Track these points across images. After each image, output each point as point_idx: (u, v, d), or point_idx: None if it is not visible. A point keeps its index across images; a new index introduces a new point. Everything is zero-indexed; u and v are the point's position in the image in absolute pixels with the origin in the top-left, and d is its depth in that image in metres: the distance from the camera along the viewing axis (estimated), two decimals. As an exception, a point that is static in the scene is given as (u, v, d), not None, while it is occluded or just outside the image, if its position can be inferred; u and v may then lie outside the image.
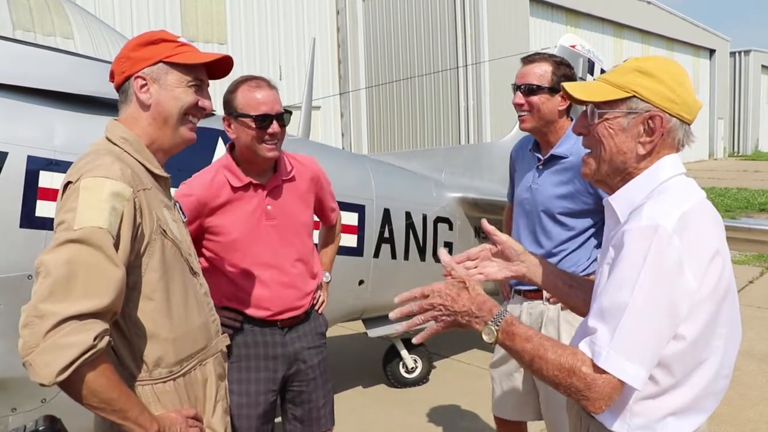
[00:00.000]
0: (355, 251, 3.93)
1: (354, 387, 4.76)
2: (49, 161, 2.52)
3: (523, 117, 2.54)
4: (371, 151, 16.83)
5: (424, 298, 1.46)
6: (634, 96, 1.42)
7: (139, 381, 1.54)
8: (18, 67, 2.53)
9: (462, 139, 15.56)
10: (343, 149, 13.87)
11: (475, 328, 1.45)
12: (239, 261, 2.35)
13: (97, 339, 1.31)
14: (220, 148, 3.18)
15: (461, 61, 15.26)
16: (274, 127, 2.26)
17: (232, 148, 2.40)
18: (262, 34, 14.77)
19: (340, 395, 4.41)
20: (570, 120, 2.57)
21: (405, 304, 1.48)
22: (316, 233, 2.70)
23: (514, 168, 2.85)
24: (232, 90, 2.30)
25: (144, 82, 1.58)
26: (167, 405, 1.57)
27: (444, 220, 4.53)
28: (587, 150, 1.53)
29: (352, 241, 3.91)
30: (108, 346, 1.35)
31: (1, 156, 2.42)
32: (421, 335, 1.49)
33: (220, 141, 3.18)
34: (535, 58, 2.57)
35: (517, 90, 2.55)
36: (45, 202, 2.49)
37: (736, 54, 34.60)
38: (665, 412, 1.39)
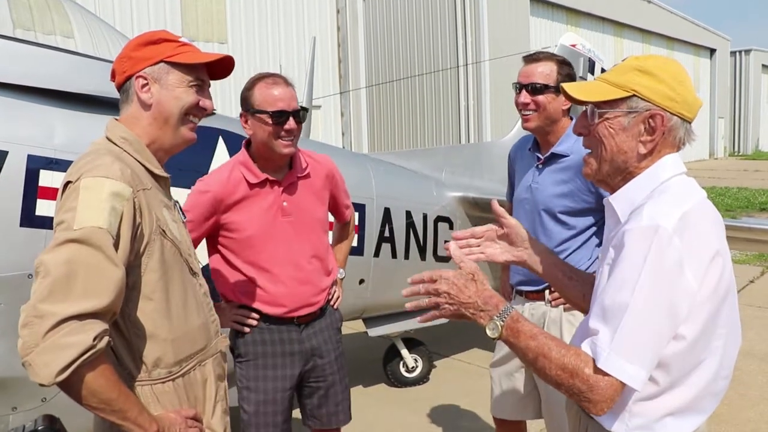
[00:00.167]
0: (356, 250, 3.92)
1: (354, 386, 4.73)
2: (50, 160, 2.52)
3: (528, 116, 2.52)
4: (371, 150, 16.83)
5: (432, 282, 1.46)
6: (635, 95, 1.42)
7: (139, 381, 1.54)
8: (18, 65, 2.53)
9: (462, 138, 15.55)
10: (344, 148, 13.87)
11: (479, 323, 1.44)
12: (255, 257, 2.36)
13: (97, 339, 1.31)
14: (221, 147, 3.17)
15: (461, 60, 15.25)
16: (290, 123, 2.27)
17: (248, 145, 2.41)
18: (262, 34, 14.79)
19: (341, 394, 4.38)
20: (570, 119, 2.56)
21: (415, 287, 1.48)
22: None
23: (514, 168, 2.84)
24: (249, 87, 2.32)
25: (145, 82, 1.58)
26: (167, 405, 1.57)
27: (444, 220, 4.53)
28: (588, 149, 1.52)
29: (353, 240, 3.90)
30: (107, 346, 1.35)
31: (2, 155, 2.41)
32: (424, 316, 1.50)
33: (220, 140, 3.17)
34: (539, 56, 2.55)
35: (523, 89, 2.52)
36: (45, 201, 2.49)
37: (737, 53, 34.58)
38: (664, 413, 1.39)
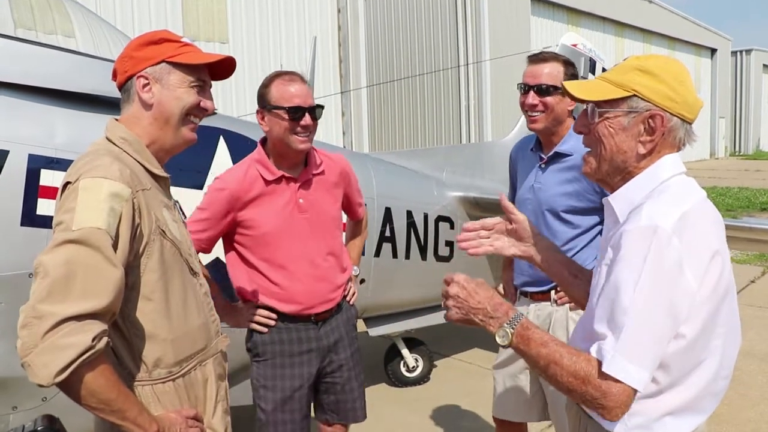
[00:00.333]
0: (356, 250, 3.92)
1: (354, 386, 4.75)
2: (50, 160, 2.52)
3: (536, 117, 2.50)
4: (372, 149, 16.82)
5: (447, 284, 1.49)
6: (635, 95, 1.41)
7: (139, 381, 1.54)
8: (19, 65, 2.53)
9: (463, 137, 15.54)
10: (344, 148, 13.86)
11: (488, 330, 1.44)
12: (271, 254, 2.38)
13: (96, 340, 1.30)
14: (221, 147, 3.17)
15: (462, 59, 15.23)
16: (306, 119, 2.30)
17: (264, 142, 2.43)
18: (263, 33, 14.77)
19: (341, 394, 4.38)
20: (573, 118, 2.56)
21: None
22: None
23: (515, 168, 2.83)
24: (266, 84, 2.35)
25: (146, 82, 1.58)
26: (167, 405, 1.57)
27: (445, 219, 4.53)
28: (588, 148, 1.52)
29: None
30: (107, 346, 1.35)
31: (2, 154, 2.41)
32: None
33: (221, 140, 3.17)
34: (545, 57, 2.53)
35: (530, 90, 2.49)
36: (46, 200, 2.49)
37: (738, 53, 34.53)
38: (663, 412, 1.39)
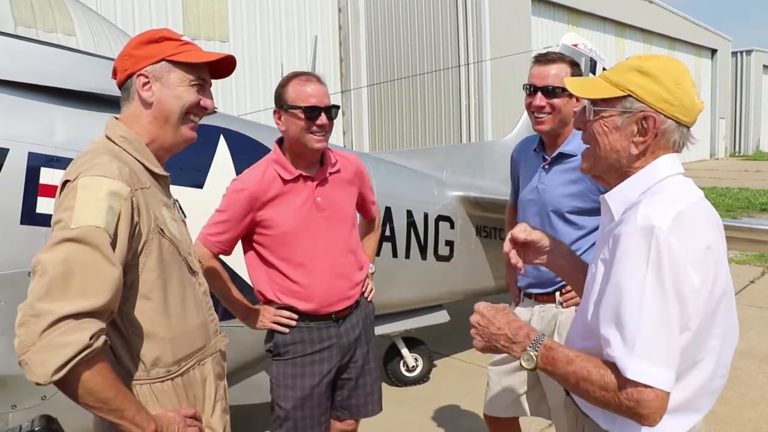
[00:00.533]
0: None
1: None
2: (50, 158, 2.51)
3: (543, 119, 2.48)
4: (372, 149, 16.81)
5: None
6: (630, 95, 1.41)
7: (137, 380, 1.54)
8: (19, 63, 2.52)
9: (463, 137, 15.53)
10: (344, 147, 13.85)
11: (512, 355, 1.45)
12: (291, 253, 2.40)
13: (93, 338, 1.30)
14: (221, 146, 3.17)
15: (463, 59, 15.22)
16: (322, 118, 2.33)
17: (280, 143, 2.46)
18: (263, 32, 14.76)
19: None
20: None
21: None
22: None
23: (518, 169, 2.81)
24: (283, 84, 2.39)
25: (146, 80, 1.58)
26: (165, 404, 1.56)
27: (445, 219, 4.52)
28: (586, 145, 1.54)
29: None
30: (104, 345, 1.35)
31: (2, 152, 2.41)
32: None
33: (221, 139, 3.17)
34: (552, 57, 2.51)
35: (537, 91, 2.47)
36: (46, 198, 2.49)
37: (738, 54, 34.51)
38: None
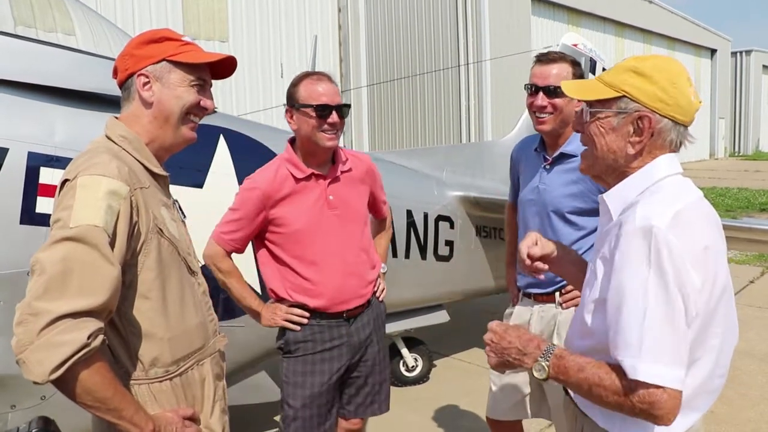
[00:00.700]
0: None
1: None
2: (50, 158, 2.51)
3: (544, 119, 2.48)
4: (372, 149, 16.82)
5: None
6: (625, 96, 1.42)
7: (135, 380, 1.54)
8: (19, 63, 2.52)
9: (463, 137, 15.54)
10: (344, 147, 13.84)
11: (524, 367, 1.47)
12: (303, 251, 2.41)
13: (91, 337, 1.30)
14: (221, 145, 3.17)
15: (462, 59, 15.23)
16: (333, 117, 2.36)
17: (292, 142, 2.49)
18: (263, 32, 14.76)
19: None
20: None
21: None
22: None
23: (517, 169, 2.80)
24: (295, 83, 2.42)
25: (147, 80, 1.58)
26: (164, 404, 1.56)
27: (445, 219, 4.52)
28: (585, 146, 1.54)
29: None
30: (102, 344, 1.34)
31: (2, 152, 2.41)
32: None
33: (221, 139, 3.17)
34: (553, 57, 2.51)
35: (540, 91, 2.46)
36: (45, 198, 2.48)
37: (738, 54, 34.52)
38: None
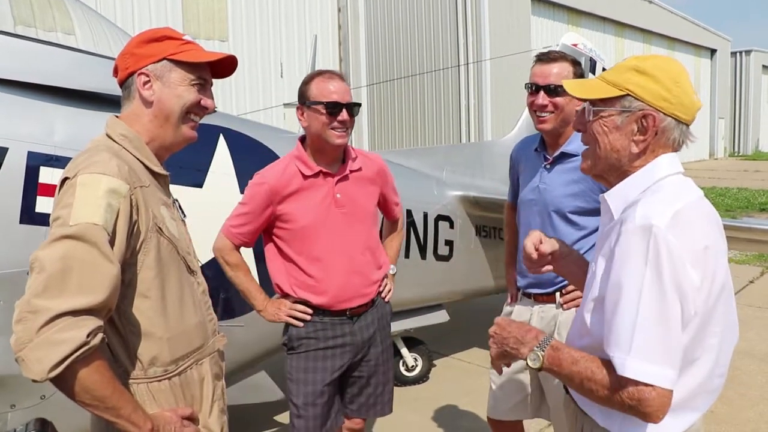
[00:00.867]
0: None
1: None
2: (50, 157, 2.51)
3: (545, 118, 2.47)
4: (372, 148, 16.82)
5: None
6: (628, 94, 1.43)
7: (134, 379, 1.54)
8: (19, 62, 2.52)
9: (463, 137, 15.55)
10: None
11: (520, 356, 1.49)
12: (309, 248, 2.43)
13: (91, 336, 1.30)
14: (221, 145, 3.16)
15: (462, 59, 15.24)
16: (343, 114, 2.37)
17: (303, 140, 2.50)
18: (263, 32, 14.77)
19: (340, 393, 4.38)
20: None
21: None
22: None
23: (517, 169, 2.79)
24: (306, 81, 2.44)
25: (147, 79, 1.58)
26: (162, 404, 1.56)
27: (445, 219, 4.52)
28: (586, 145, 1.54)
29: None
30: (102, 342, 1.34)
31: (2, 151, 2.41)
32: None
33: (221, 138, 3.16)
34: (554, 56, 2.50)
35: (540, 90, 2.46)
36: (45, 198, 2.48)
37: (737, 54, 34.56)
38: None
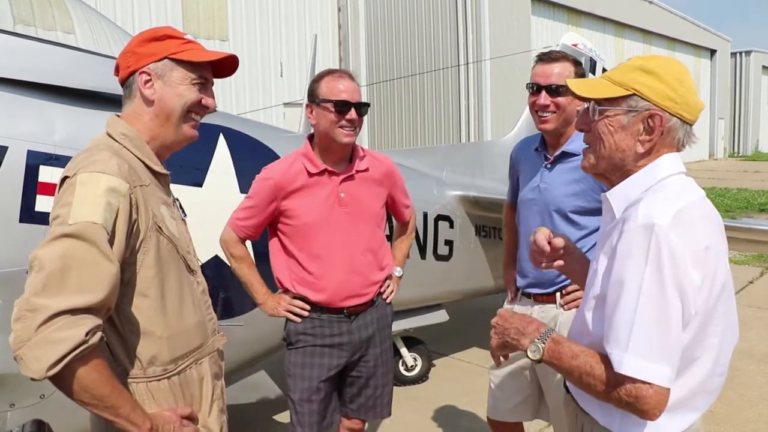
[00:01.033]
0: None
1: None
2: (49, 156, 2.51)
3: (547, 118, 2.47)
4: (372, 148, 16.81)
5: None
6: (635, 94, 1.43)
7: (133, 378, 1.53)
8: (18, 61, 2.52)
9: (462, 137, 15.55)
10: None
11: (521, 347, 1.49)
12: (310, 244, 2.44)
13: (89, 334, 1.30)
14: (221, 144, 3.16)
15: (462, 59, 15.24)
16: (351, 113, 2.39)
17: (311, 138, 2.52)
18: (263, 31, 14.78)
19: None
20: None
21: None
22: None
23: (517, 169, 2.78)
24: (317, 80, 2.46)
25: (148, 78, 1.58)
26: (162, 403, 1.56)
27: (445, 218, 4.51)
28: (587, 144, 1.54)
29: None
30: (101, 341, 1.34)
31: (1, 150, 2.40)
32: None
33: (221, 137, 3.16)
34: (555, 56, 2.50)
35: (541, 90, 2.46)
36: (45, 197, 2.48)
37: (737, 54, 34.59)
38: None
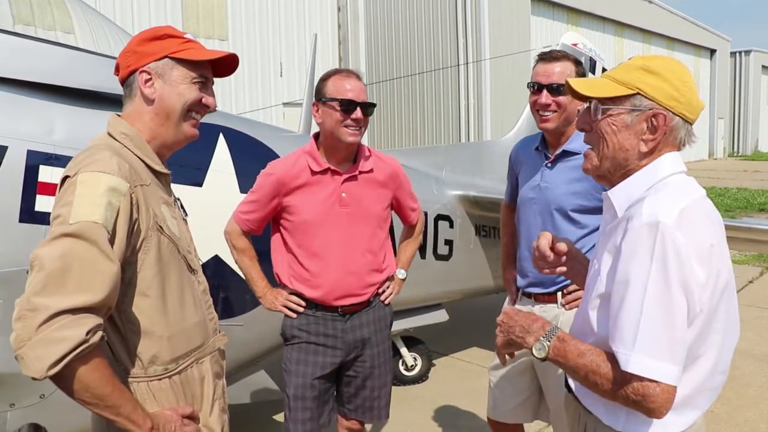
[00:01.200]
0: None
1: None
2: (49, 156, 2.50)
3: (548, 117, 2.47)
4: (371, 148, 16.81)
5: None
6: (639, 93, 1.43)
7: (134, 377, 1.53)
8: (18, 60, 2.52)
9: (462, 136, 15.55)
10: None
11: (526, 345, 1.49)
12: (309, 242, 2.45)
13: (90, 334, 1.30)
14: (221, 144, 3.16)
15: (462, 58, 15.24)
16: (357, 113, 2.39)
17: (317, 137, 2.53)
18: (263, 31, 14.77)
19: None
20: None
21: None
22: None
23: (517, 168, 2.78)
24: (324, 78, 2.47)
25: (149, 77, 1.58)
26: (163, 402, 1.56)
27: (445, 218, 4.51)
28: (588, 145, 1.54)
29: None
30: (101, 341, 1.34)
31: (1, 150, 2.40)
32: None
33: (221, 137, 3.16)
34: (556, 55, 2.50)
35: (543, 89, 2.46)
36: (44, 196, 2.48)
37: (737, 54, 34.61)
38: None
